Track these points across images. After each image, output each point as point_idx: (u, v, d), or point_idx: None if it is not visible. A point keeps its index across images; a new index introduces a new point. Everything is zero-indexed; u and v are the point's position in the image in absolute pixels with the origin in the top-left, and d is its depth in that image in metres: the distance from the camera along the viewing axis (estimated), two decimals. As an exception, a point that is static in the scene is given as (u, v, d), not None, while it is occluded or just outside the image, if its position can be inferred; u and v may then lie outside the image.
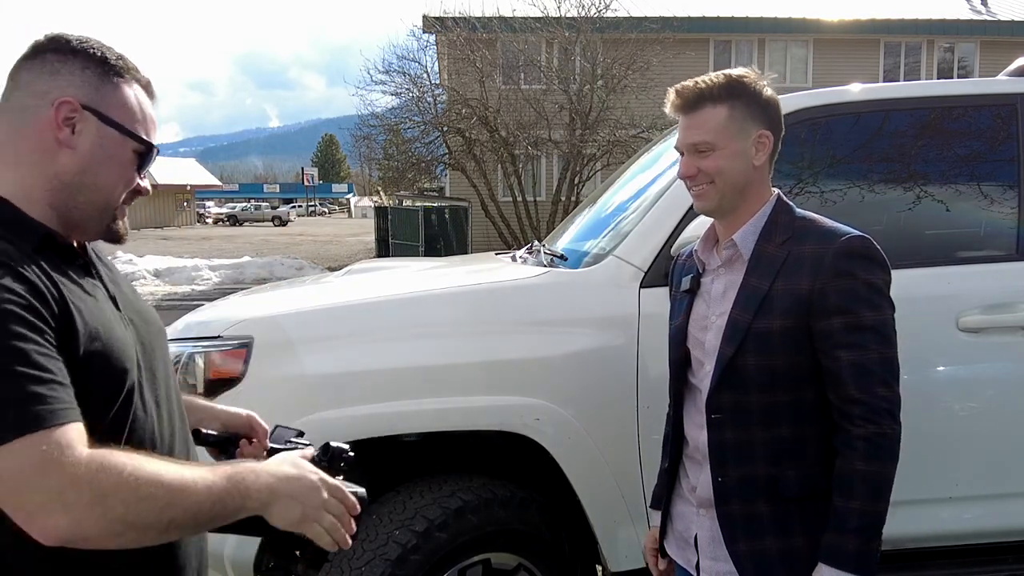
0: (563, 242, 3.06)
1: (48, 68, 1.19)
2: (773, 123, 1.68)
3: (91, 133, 1.20)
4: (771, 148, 1.68)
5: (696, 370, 1.77)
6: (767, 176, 1.71)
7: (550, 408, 2.30)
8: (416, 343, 2.36)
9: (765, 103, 1.67)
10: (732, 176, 1.65)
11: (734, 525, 1.67)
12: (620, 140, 15.32)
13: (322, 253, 25.64)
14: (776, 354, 1.60)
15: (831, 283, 1.57)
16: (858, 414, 1.55)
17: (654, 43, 15.50)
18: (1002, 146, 2.57)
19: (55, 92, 1.18)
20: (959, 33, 20.55)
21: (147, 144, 1.26)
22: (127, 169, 1.25)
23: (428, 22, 17.53)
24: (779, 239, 1.66)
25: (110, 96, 1.22)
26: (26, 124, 1.19)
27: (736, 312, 1.65)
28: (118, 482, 1.03)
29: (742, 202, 1.68)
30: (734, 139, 1.64)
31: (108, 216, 1.26)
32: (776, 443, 1.63)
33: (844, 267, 1.58)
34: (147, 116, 1.27)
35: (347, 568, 2.22)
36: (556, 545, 2.42)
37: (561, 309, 2.41)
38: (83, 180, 1.21)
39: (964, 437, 2.39)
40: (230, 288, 14.97)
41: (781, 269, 1.62)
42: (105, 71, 1.22)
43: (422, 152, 17.77)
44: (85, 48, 1.21)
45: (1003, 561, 2.49)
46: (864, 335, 1.56)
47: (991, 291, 2.43)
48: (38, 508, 0.99)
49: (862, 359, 1.55)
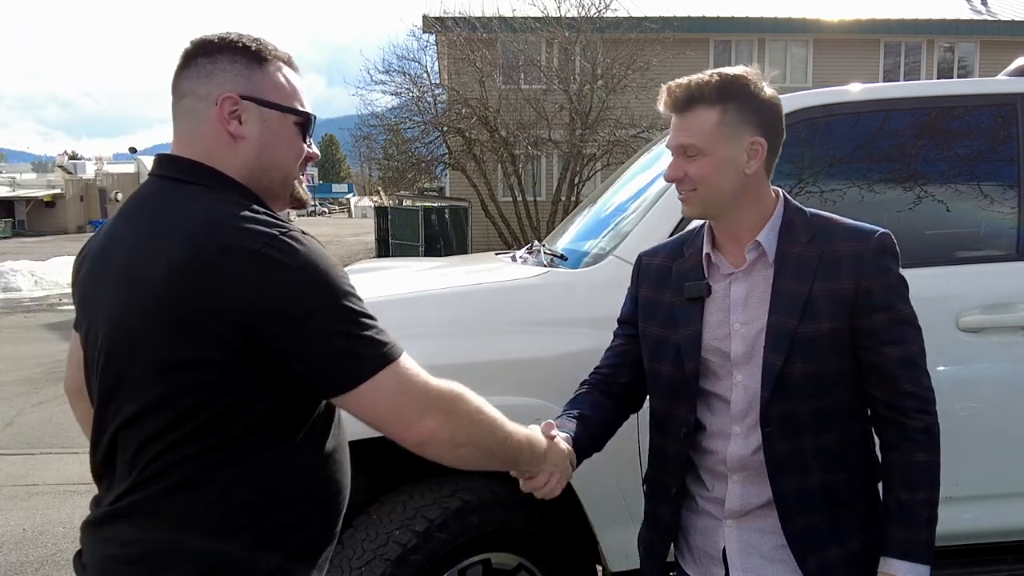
0: (563, 242, 3.06)
1: (203, 71, 1.30)
2: (769, 127, 1.60)
3: (256, 119, 1.31)
4: (764, 155, 1.60)
5: (719, 379, 1.67)
6: (765, 179, 1.65)
7: (550, 408, 2.29)
8: (416, 343, 2.34)
9: (761, 106, 1.59)
10: (717, 185, 1.59)
11: (801, 540, 1.61)
12: (620, 140, 15.33)
13: (322, 253, 25.56)
14: (825, 359, 1.57)
15: (875, 280, 1.56)
16: (912, 407, 1.56)
17: (654, 43, 15.50)
18: (1002, 146, 2.57)
19: (215, 91, 1.29)
20: (959, 33, 20.55)
21: (305, 114, 1.36)
22: (295, 141, 1.36)
23: (428, 22, 17.53)
24: (803, 239, 1.61)
25: (262, 81, 1.31)
26: (201, 126, 1.30)
27: (777, 319, 1.58)
28: (467, 407, 1.35)
29: (734, 209, 1.63)
30: (724, 145, 1.57)
31: (290, 187, 1.38)
32: (826, 450, 1.60)
33: (883, 263, 1.57)
34: (296, 88, 1.36)
35: (347, 568, 2.21)
36: (556, 545, 2.41)
37: (561, 309, 2.41)
38: (263, 162, 1.32)
39: (964, 437, 2.39)
40: (230, 288, 14.90)
41: (818, 270, 1.58)
42: (251, 59, 1.31)
43: (422, 152, 17.78)
44: (229, 43, 1.31)
45: (1003, 561, 2.49)
46: (905, 329, 1.58)
47: (991, 291, 2.43)
48: (415, 416, 1.27)
49: (908, 352, 1.57)
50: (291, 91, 1.35)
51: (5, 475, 5.26)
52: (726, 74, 1.59)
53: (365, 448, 2.36)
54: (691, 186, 1.61)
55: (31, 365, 8.93)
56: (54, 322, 12.38)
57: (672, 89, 1.62)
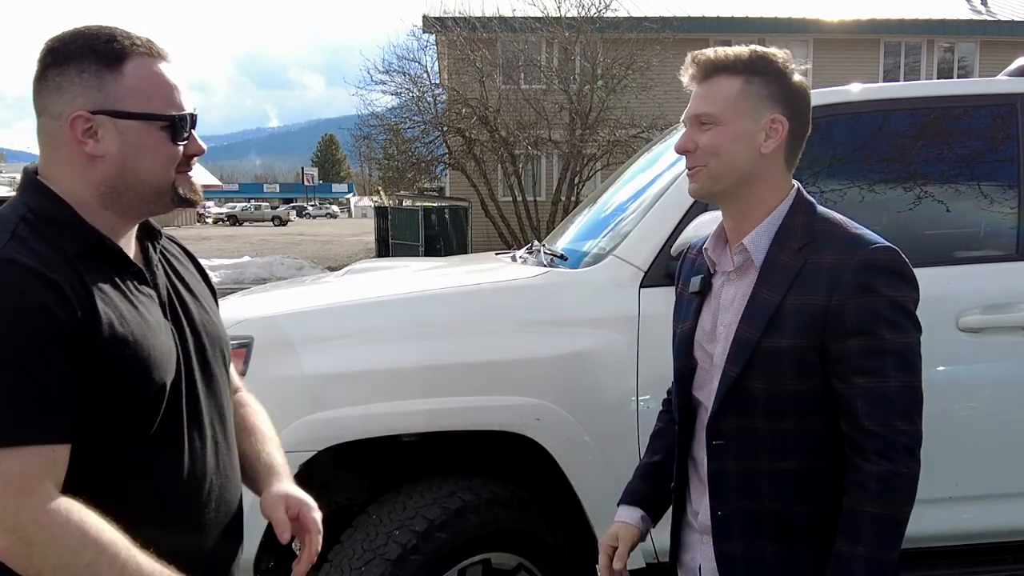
0: (563, 242, 3.06)
1: (52, 86, 1.19)
2: (795, 111, 1.48)
3: (112, 133, 1.19)
4: (784, 136, 1.47)
5: (702, 384, 1.59)
6: (783, 169, 1.52)
7: (550, 408, 2.30)
8: (416, 343, 2.36)
9: (790, 87, 1.48)
10: (729, 160, 1.46)
11: (733, 565, 1.50)
12: (620, 140, 15.33)
13: (322, 253, 25.62)
14: (784, 377, 1.43)
15: (850, 299, 1.39)
16: (872, 448, 1.37)
17: (654, 43, 15.49)
18: (1002, 146, 2.57)
19: (66, 109, 1.18)
20: (959, 33, 20.55)
21: (170, 118, 1.22)
22: (162, 147, 1.23)
23: (428, 22, 17.53)
24: (795, 245, 1.46)
25: (115, 88, 1.19)
26: (57, 148, 1.21)
27: (743, 327, 1.47)
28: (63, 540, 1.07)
29: (745, 195, 1.50)
30: (741, 117, 1.45)
31: (167, 194, 1.26)
32: (783, 475, 1.46)
33: (866, 282, 1.39)
34: (160, 85, 1.23)
35: (347, 568, 2.22)
36: (556, 545, 2.41)
37: (561, 309, 2.41)
38: (124, 179, 1.21)
39: (964, 437, 2.39)
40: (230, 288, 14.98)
41: (796, 281, 1.43)
42: (102, 64, 1.19)
43: (422, 152, 17.77)
44: (78, 47, 1.19)
45: (1003, 561, 2.49)
46: (884, 360, 1.38)
47: (991, 291, 2.43)
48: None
49: (880, 387, 1.38)
50: (152, 92, 1.21)
51: (5, 475, 5.25)
52: (756, 48, 1.48)
53: (364, 448, 2.37)
54: (701, 160, 1.48)
55: (31, 365, 8.91)
56: (54, 322, 12.33)
57: (697, 57, 1.50)
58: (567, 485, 2.33)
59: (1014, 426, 2.43)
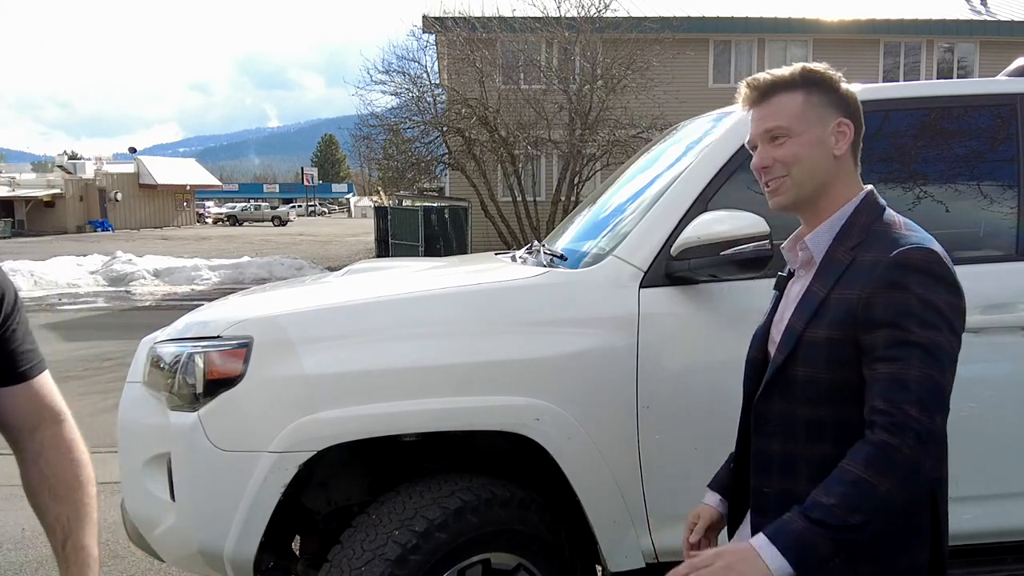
0: (563, 242, 3.06)
1: None
2: (853, 114, 1.58)
3: None
4: (852, 138, 1.57)
5: None
6: (852, 171, 1.59)
7: (550, 408, 2.30)
8: (416, 343, 2.36)
9: (843, 95, 1.58)
10: (810, 166, 1.55)
11: None
12: (620, 140, 15.33)
13: (322, 253, 25.63)
14: (821, 366, 1.50)
15: (879, 294, 1.43)
16: (880, 423, 1.37)
17: (654, 43, 15.50)
18: (1002, 146, 2.57)
19: None
20: (959, 33, 20.55)
21: None
22: None
23: (428, 22, 17.53)
24: (850, 243, 1.53)
25: None
26: None
27: (793, 318, 1.57)
28: None
29: (823, 198, 1.57)
30: (812, 126, 1.54)
31: None
32: (821, 460, 1.49)
33: (896, 279, 1.43)
34: None
35: (347, 568, 2.21)
36: (556, 545, 2.41)
37: (561, 309, 2.41)
38: None
39: (964, 437, 2.38)
40: (230, 288, 14.98)
41: (842, 276, 1.50)
42: None
43: (422, 152, 17.78)
44: None
45: (1003, 561, 2.49)
46: (909, 350, 1.38)
47: (991, 291, 2.42)
48: None
49: (899, 373, 1.38)
50: None
51: (5, 475, 5.25)
52: (806, 65, 1.58)
53: (364, 448, 2.37)
54: (782, 172, 1.56)
55: (31, 365, 8.91)
56: (53, 322, 12.35)
57: (751, 82, 1.60)
58: (567, 485, 2.33)
59: (1014, 426, 2.43)
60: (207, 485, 2.30)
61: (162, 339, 2.60)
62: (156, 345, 2.57)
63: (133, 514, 2.54)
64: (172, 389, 2.39)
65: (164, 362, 2.46)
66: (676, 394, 2.36)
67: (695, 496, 1.85)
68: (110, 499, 4.75)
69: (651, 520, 2.38)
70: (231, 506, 2.26)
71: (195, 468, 2.31)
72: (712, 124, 2.78)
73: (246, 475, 2.25)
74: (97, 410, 6.57)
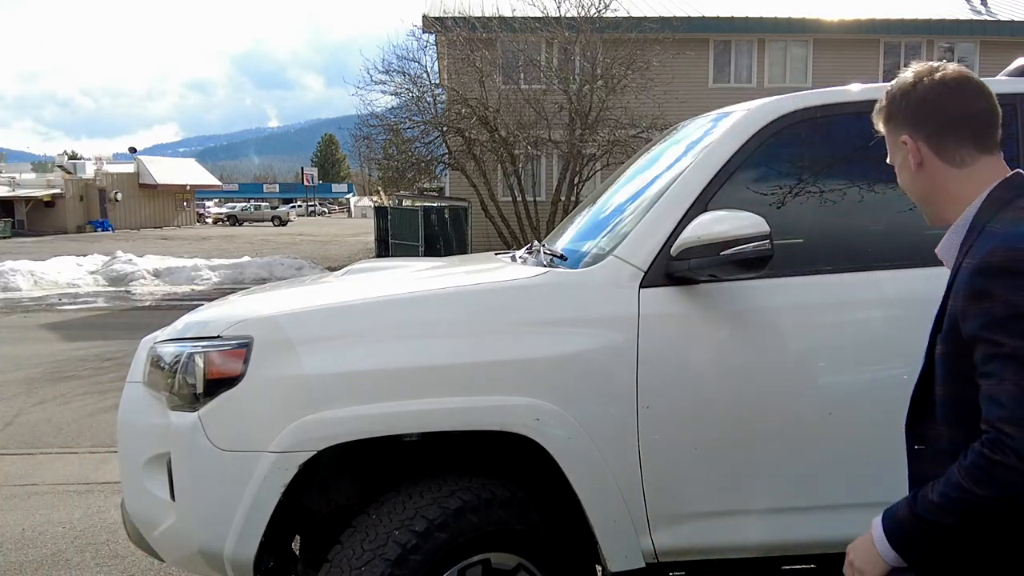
0: (563, 242, 3.06)
1: None
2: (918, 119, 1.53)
3: None
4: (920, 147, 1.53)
5: None
6: (948, 173, 1.52)
7: (550, 408, 2.30)
8: (416, 343, 2.36)
9: (908, 102, 1.55)
10: (910, 191, 1.61)
11: None
12: (620, 140, 15.34)
13: (322, 253, 25.64)
14: (947, 383, 1.45)
15: (969, 306, 1.38)
16: (983, 439, 1.34)
17: (654, 43, 15.50)
18: (1002, 146, 2.56)
19: None
20: (959, 33, 20.55)
21: None
22: None
23: (428, 22, 17.54)
24: (965, 247, 1.47)
25: None
26: None
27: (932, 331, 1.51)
28: None
29: (940, 207, 1.56)
30: (895, 155, 1.61)
31: None
32: None
33: (980, 286, 1.37)
34: None
35: (347, 568, 2.22)
36: (556, 545, 2.41)
37: (561, 309, 2.41)
38: None
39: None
40: (230, 288, 14.99)
41: (951, 286, 1.46)
42: None
43: (422, 152, 17.79)
44: None
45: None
46: (1001, 364, 1.33)
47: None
48: None
49: (993, 390, 1.34)
50: None
51: (4, 475, 5.25)
52: (887, 90, 1.60)
53: (365, 448, 2.37)
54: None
55: (30, 365, 8.91)
56: (53, 322, 12.36)
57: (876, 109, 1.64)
58: (567, 485, 2.33)
59: None
60: (207, 485, 2.30)
61: (162, 339, 2.60)
62: (156, 345, 2.57)
63: (133, 514, 2.54)
64: (172, 389, 2.40)
65: (164, 362, 2.46)
66: (676, 394, 2.36)
67: (695, 496, 1.85)
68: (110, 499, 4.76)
69: (651, 520, 2.38)
70: (231, 506, 2.26)
71: (195, 468, 2.32)
72: (712, 124, 2.78)
73: (246, 475, 2.25)
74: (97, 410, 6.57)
